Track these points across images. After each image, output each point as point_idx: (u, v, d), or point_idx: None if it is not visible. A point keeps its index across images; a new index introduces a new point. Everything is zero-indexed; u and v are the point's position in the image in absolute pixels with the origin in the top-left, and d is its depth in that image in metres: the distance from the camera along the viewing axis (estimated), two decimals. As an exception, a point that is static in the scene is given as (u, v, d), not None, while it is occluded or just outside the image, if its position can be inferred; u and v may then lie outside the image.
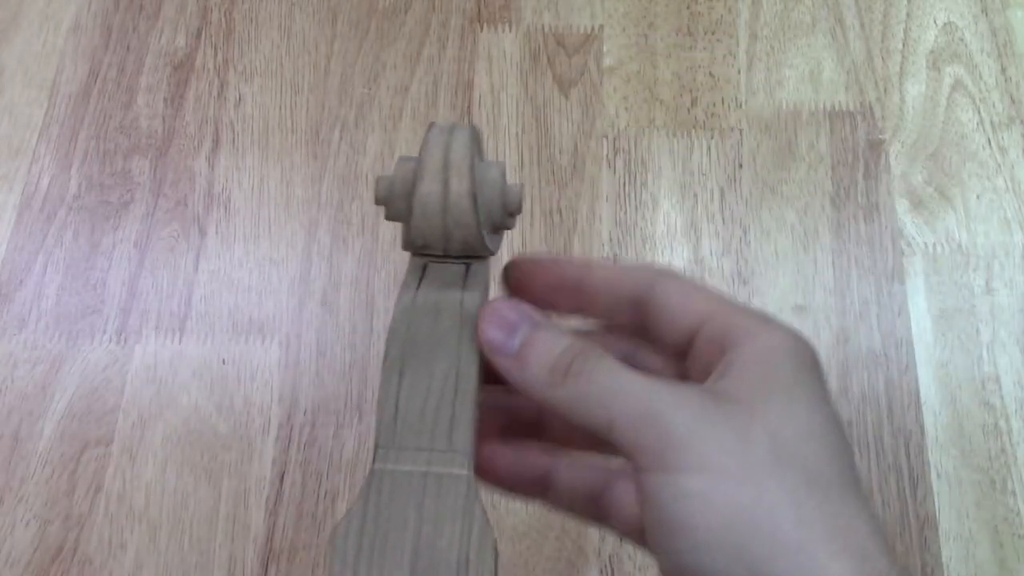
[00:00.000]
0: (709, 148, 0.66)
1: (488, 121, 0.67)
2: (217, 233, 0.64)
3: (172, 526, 0.56)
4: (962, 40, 0.69)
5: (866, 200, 0.64)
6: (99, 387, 0.59)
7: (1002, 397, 0.58)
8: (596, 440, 0.31)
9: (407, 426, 0.27)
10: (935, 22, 0.70)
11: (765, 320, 0.28)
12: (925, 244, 0.63)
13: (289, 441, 0.58)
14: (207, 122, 0.67)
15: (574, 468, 0.32)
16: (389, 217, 0.29)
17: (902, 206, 0.64)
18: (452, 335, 0.28)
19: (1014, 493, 0.56)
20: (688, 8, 0.71)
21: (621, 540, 0.52)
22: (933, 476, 0.56)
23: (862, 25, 0.70)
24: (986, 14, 0.70)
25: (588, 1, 0.71)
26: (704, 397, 0.26)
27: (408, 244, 0.29)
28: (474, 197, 0.28)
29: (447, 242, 0.29)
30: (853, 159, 0.65)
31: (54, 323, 0.61)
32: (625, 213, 0.64)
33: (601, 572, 0.54)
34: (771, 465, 0.25)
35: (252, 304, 0.62)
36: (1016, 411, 0.58)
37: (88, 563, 0.55)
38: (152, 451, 0.58)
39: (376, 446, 0.27)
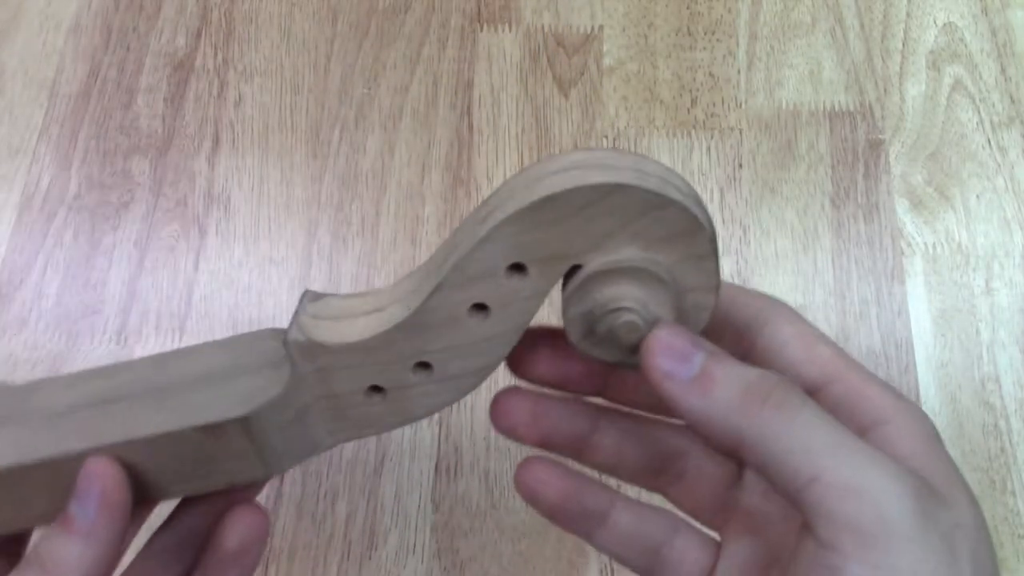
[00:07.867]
0: (709, 148, 0.66)
1: (488, 121, 0.67)
2: (217, 233, 0.64)
3: (172, 526, 0.56)
4: (962, 40, 0.69)
5: (866, 200, 0.64)
6: (99, 387, 0.59)
7: (1002, 397, 0.58)
8: (654, 472, 0.27)
9: None
10: (935, 22, 0.70)
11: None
12: (925, 244, 0.63)
13: (289, 441, 0.58)
14: (207, 122, 0.67)
15: (633, 511, 0.28)
16: None
17: (902, 206, 0.64)
18: None
19: (1014, 493, 0.56)
20: (688, 8, 0.71)
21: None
22: (933, 476, 0.56)
23: (862, 25, 0.70)
24: (986, 14, 0.70)
25: (588, 1, 0.71)
26: (923, 489, 0.23)
27: None
28: None
29: None
30: (853, 159, 0.65)
31: (54, 323, 0.61)
32: (625, 213, 0.64)
33: (601, 572, 0.54)
34: None
35: (252, 304, 0.62)
36: (1016, 411, 0.58)
37: (88, 563, 0.55)
38: (152, 451, 0.57)
39: None
